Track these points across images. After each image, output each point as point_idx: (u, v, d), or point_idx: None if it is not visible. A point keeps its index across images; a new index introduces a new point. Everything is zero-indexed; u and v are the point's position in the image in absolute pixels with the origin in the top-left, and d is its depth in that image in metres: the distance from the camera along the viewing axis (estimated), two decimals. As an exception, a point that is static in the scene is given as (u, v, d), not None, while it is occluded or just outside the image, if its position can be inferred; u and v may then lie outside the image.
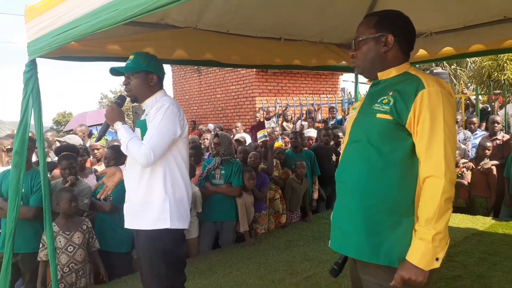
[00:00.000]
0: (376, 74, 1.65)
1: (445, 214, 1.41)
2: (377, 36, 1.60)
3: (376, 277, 1.53)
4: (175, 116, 2.16)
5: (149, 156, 2.05)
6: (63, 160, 3.64)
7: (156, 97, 2.29)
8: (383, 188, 1.51)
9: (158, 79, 2.31)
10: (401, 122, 1.49)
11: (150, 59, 2.30)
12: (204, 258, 3.86)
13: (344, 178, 1.65)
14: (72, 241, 3.12)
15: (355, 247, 1.56)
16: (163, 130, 2.11)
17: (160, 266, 2.12)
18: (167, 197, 2.15)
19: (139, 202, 2.19)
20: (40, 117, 2.82)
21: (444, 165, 1.41)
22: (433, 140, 1.43)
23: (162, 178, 2.16)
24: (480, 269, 3.33)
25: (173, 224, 2.14)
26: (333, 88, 12.17)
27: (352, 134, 1.67)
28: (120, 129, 2.19)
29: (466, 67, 17.63)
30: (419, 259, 1.40)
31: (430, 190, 1.42)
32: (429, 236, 1.39)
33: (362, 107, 1.70)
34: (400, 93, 1.52)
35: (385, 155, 1.51)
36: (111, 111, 2.27)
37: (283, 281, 3.30)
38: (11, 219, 2.83)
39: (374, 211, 1.51)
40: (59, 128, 22.21)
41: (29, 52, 2.75)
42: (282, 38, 4.32)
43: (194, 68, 12.75)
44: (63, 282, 3.06)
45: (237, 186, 4.16)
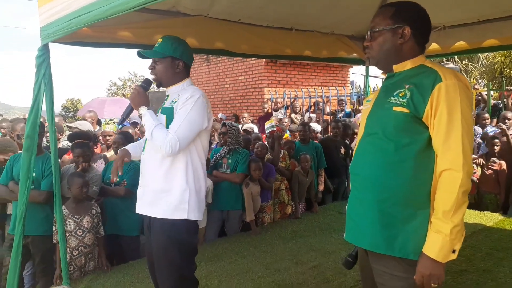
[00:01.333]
0: (391, 66, 1.64)
1: (461, 206, 1.41)
2: (394, 28, 1.59)
3: (388, 267, 1.54)
4: (204, 108, 2.14)
5: (175, 145, 2.03)
6: (77, 148, 3.66)
7: (183, 84, 2.25)
8: (398, 181, 1.51)
9: (185, 66, 2.25)
10: (417, 115, 1.48)
11: (178, 44, 2.22)
12: (210, 245, 3.89)
13: (359, 171, 1.65)
14: (82, 225, 3.17)
15: (370, 239, 1.57)
16: (192, 121, 2.08)
17: (173, 255, 2.11)
18: (187, 187, 2.12)
19: (156, 189, 2.15)
20: (51, 102, 2.85)
21: (462, 158, 1.41)
22: (450, 133, 1.43)
23: (184, 168, 2.13)
24: (487, 264, 3.33)
25: (190, 215, 2.13)
26: (342, 81, 12.08)
27: (367, 127, 1.66)
28: (146, 114, 2.15)
29: (478, 63, 17.42)
30: (437, 253, 1.41)
31: (448, 183, 1.42)
32: (446, 229, 1.40)
33: (377, 100, 1.69)
34: (417, 86, 1.51)
35: (401, 148, 1.51)
36: (137, 95, 2.22)
37: (289, 270, 3.32)
38: (21, 202, 2.88)
39: (389, 203, 1.52)
40: (67, 114, 22.36)
41: (42, 37, 2.77)
42: (293, 28, 4.29)
43: (203, 58, 12.73)
44: (72, 265, 3.12)
45: (241, 173, 4.17)
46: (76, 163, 3.63)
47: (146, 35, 3.33)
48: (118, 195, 3.58)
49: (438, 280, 1.44)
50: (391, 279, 1.54)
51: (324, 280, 3.13)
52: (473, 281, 3.05)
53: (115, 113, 11.41)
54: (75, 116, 19.54)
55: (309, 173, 4.88)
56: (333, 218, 4.72)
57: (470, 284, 3.01)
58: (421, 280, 1.45)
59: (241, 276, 3.22)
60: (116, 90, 26.85)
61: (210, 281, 3.13)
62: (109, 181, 3.67)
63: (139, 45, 3.47)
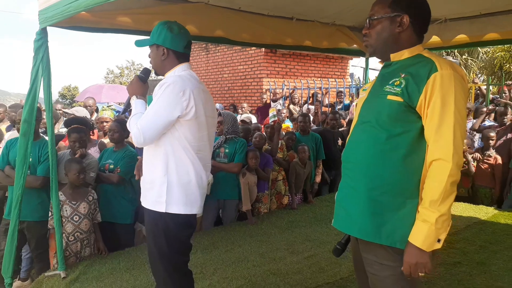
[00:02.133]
0: (388, 55, 1.63)
1: (449, 197, 1.42)
2: (392, 16, 1.58)
3: (377, 256, 1.56)
4: (175, 97, 1.96)
5: (139, 137, 1.96)
6: (73, 133, 3.65)
7: (174, 71, 2.13)
8: (389, 170, 1.51)
9: (172, 53, 2.10)
10: (411, 105, 1.48)
11: (162, 30, 2.09)
12: (206, 234, 3.90)
13: (351, 158, 1.65)
14: (78, 211, 3.17)
15: (358, 227, 1.58)
16: (158, 111, 1.97)
17: (161, 244, 2.08)
18: (165, 180, 2.03)
19: (144, 180, 2.16)
20: (49, 86, 2.83)
21: (453, 149, 1.41)
22: (442, 124, 1.43)
23: (164, 160, 2.04)
24: (481, 256, 3.36)
25: (171, 209, 2.03)
26: (341, 73, 12.05)
27: (361, 115, 1.66)
28: (133, 103, 2.16)
29: (478, 58, 17.39)
30: (422, 241, 1.42)
31: (437, 172, 1.43)
32: (432, 218, 1.40)
33: (372, 88, 1.69)
34: (413, 75, 1.50)
35: (393, 137, 1.51)
36: (131, 84, 2.23)
37: (284, 259, 3.34)
38: (18, 187, 2.88)
39: (379, 192, 1.53)
40: (64, 101, 22.26)
41: (40, 20, 2.74)
42: (294, 17, 4.26)
43: (202, 46, 12.65)
44: (68, 250, 3.12)
45: (238, 162, 4.17)
46: (72, 148, 3.63)
47: (145, 21, 3.30)
48: (111, 181, 3.58)
49: (425, 268, 1.44)
50: (381, 268, 1.56)
51: (319, 270, 3.15)
52: (466, 273, 3.08)
53: (112, 98, 11.41)
54: (72, 103, 19.48)
55: (307, 164, 4.89)
56: (329, 209, 4.73)
57: (464, 276, 3.03)
58: (408, 269, 1.46)
59: (237, 264, 3.24)
60: (114, 78, 26.71)
61: (205, 269, 3.15)
62: (104, 168, 3.66)
63: (137, 31, 3.45)
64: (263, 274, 3.07)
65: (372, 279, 1.61)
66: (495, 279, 2.98)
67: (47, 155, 3.30)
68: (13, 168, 3.32)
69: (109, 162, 3.66)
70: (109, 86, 13.07)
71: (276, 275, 3.06)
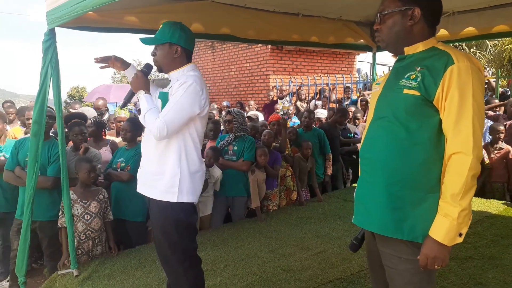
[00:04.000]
0: (402, 48, 1.62)
1: (470, 190, 1.41)
2: (403, 10, 1.56)
3: (396, 250, 1.55)
4: (196, 95, 2.12)
5: (163, 130, 2.06)
6: (74, 126, 3.69)
7: (183, 70, 2.24)
8: (409, 165, 1.50)
9: (184, 51, 2.23)
10: (428, 98, 1.47)
11: (175, 29, 2.20)
12: (216, 231, 3.92)
13: (369, 154, 1.64)
14: (89, 210, 3.19)
15: (378, 222, 1.57)
16: (181, 107, 2.10)
17: (172, 234, 2.17)
18: (178, 172, 2.15)
19: (151, 171, 2.22)
20: (58, 87, 2.85)
21: (472, 142, 1.40)
22: (461, 117, 1.41)
23: (177, 152, 2.16)
24: (492, 251, 3.33)
25: (180, 198, 2.15)
26: (348, 68, 11.99)
27: (377, 111, 1.65)
28: (142, 98, 2.20)
29: (486, 51, 17.18)
30: (444, 236, 1.41)
31: (457, 166, 1.41)
32: (454, 213, 1.39)
33: (387, 83, 1.66)
34: (429, 68, 1.48)
35: (411, 132, 1.50)
36: (136, 79, 2.27)
37: (294, 255, 3.35)
38: (29, 187, 2.91)
39: (399, 187, 1.51)
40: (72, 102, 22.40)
41: (48, 21, 2.76)
42: (300, 13, 4.26)
43: (208, 44, 12.66)
44: (79, 249, 3.15)
45: (247, 160, 4.17)
46: (75, 141, 3.67)
47: (151, 20, 3.32)
48: (121, 179, 3.61)
49: (442, 263, 1.44)
50: (399, 261, 1.55)
51: (329, 266, 3.15)
52: (478, 267, 3.06)
53: (121, 98, 11.54)
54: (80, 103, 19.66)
55: (309, 160, 4.89)
56: (338, 205, 4.73)
57: (475, 270, 3.01)
58: (425, 261, 1.45)
59: (247, 261, 3.25)
60: (121, 78, 26.84)
61: (216, 265, 3.16)
62: (116, 166, 3.70)
63: (144, 30, 3.47)
64: (273, 270, 3.07)
65: (390, 272, 1.61)
66: (507, 273, 2.96)
67: (57, 155, 3.35)
68: (23, 169, 3.37)
69: (121, 160, 3.70)
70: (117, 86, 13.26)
71: (287, 271, 3.07)
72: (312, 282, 2.90)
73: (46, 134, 3.35)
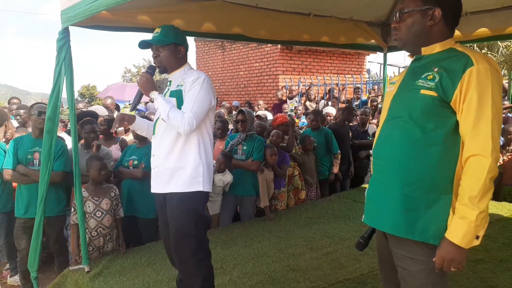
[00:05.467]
0: (419, 48, 1.60)
1: (488, 193, 1.40)
2: (424, 9, 1.55)
3: (409, 251, 1.55)
4: (210, 88, 2.30)
5: (192, 123, 2.18)
6: (86, 124, 3.75)
7: (184, 69, 2.40)
8: (424, 166, 1.50)
9: (185, 51, 2.41)
10: (445, 99, 1.46)
11: (177, 32, 2.38)
12: (225, 230, 3.93)
13: (382, 154, 1.63)
14: (100, 207, 3.23)
15: (391, 222, 1.57)
16: (202, 101, 2.24)
17: (189, 226, 2.25)
18: (201, 162, 2.29)
19: (171, 167, 2.29)
20: (72, 85, 2.88)
21: (491, 144, 1.39)
22: (480, 119, 1.40)
23: (197, 144, 2.29)
24: (504, 254, 3.30)
25: (205, 187, 2.30)
26: (358, 69, 11.95)
27: (391, 110, 1.63)
28: (158, 98, 2.28)
29: (498, 52, 17.01)
30: (461, 239, 1.40)
31: (476, 168, 1.40)
32: (472, 216, 1.39)
33: (402, 83, 1.65)
34: (446, 69, 1.47)
35: (427, 133, 1.49)
36: (146, 82, 2.35)
37: (303, 255, 3.35)
38: (43, 183, 2.94)
39: (414, 188, 1.51)
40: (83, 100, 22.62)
41: (62, 20, 2.79)
42: (311, 13, 4.25)
43: (218, 44, 12.70)
44: (91, 245, 3.19)
45: (256, 160, 4.18)
46: (87, 139, 3.72)
47: (164, 20, 3.33)
48: (135, 177, 3.64)
49: (459, 265, 1.44)
50: (412, 262, 1.54)
51: (339, 266, 3.14)
52: (489, 270, 3.03)
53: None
54: (91, 102, 19.87)
55: (309, 154, 4.91)
56: (348, 205, 4.72)
57: (487, 273, 2.99)
58: (441, 263, 1.45)
59: (256, 260, 3.26)
60: (131, 77, 27.03)
61: (225, 264, 3.17)
62: (128, 164, 3.73)
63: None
64: (282, 270, 3.08)
65: (402, 273, 1.60)
66: (519, 276, 2.93)
67: (61, 150, 3.45)
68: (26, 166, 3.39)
69: (133, 158, 3.73)
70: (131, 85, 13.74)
71: (296, 270, 3.07)
72: (322, 282, 2.90)
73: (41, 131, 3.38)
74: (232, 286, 2.85)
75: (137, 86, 2.46)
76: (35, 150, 3.45)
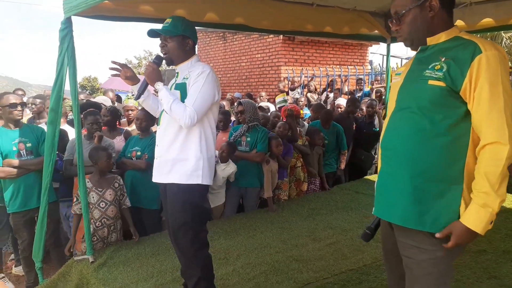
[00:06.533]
0: (425, 40, 1.58)
1: (505, 179, 1.40)
2: (420, 4, 1.53)
3: (416, 240, 1.55)
4: (214, 82, 2.28)
5: (193, 117, 2.18)
6: (89, 115, 3.75)
7: (191, 61, 2.38)
8: (433, 156, 1.49)
9: (193, 44, 2.39)
10: (454, 89, 1.45)
11: (187, 24, 2.36)
12: (229, 220, 3.94)
13: (391, 146, 1.62)
14: (104, 198, 3.23)
15: (401, 214, 1.56)
16: (206, 94, 2.24)
17: (186, 217, 2.27)
18: (201, 156, 2.29)
19: (174, 159, 2.29)
20: (75, 75, 2.87)
21: (507, 131, 1.38)
22: (493, 106, 1.39)
23: (198, 138, 2.29)
24: (506, 245, 3.31)
25: (204, 181, 2.30)
26: (361, 60, 11.89)
27: (399, 101, 1.62)
28: (162, 89, 2.27)
29: (501, 43, 16.87)
30: (478, 225, 1.41)
31: (493, 156, 1.40)
32: (495, 204, 1.39)
33: (409, 73, 1.63)
34: (454, 59, 1.46)
35: (436, 123, 1.48)
36: (153, 71, 2.34)
37: (306, 246, 3.36)
38: (47, 174, 2.95)
39: (423, 179, 1.50)
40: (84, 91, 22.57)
41: (65, 10, 2.77)
42: (314, 4, 4.21)
43: (219, 35, 12.64)
44: (95, 236, 3.20)
45: (261, 151, 4.18)
46: (89, 130, 3.72)
47: (166, 10, 3.31)
48: (139, 168, 3.65)
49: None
50: (418, 252, 1.54)
51: (342, 257, 3.15)
52: (492, 261, 3.04)
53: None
54: (92, 93, 19.87)
55: (316, 148, 4.90)
56: (350, 197, 4.72)
57: (490, 264, 3.00)
58: (454, 247, 1.46)
59: (259, 250, 3.27)
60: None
61: (229, 254, 3.19)
62: (130, 155, 3.73)
63: (159, 19, 3.46)
64: (286, 260, 3.09)
65: (408, 262, 1.60)
66: (522, 267, 2.94)
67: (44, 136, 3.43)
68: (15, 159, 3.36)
69: (136, 149, 3.73)
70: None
71: (299, 261, 3.08)
72: (325, 273, 2.91)
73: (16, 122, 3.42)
74: (235, 276, 2.87)
75: (140, 77, 2.46)
76: (20, 141, 3.41)
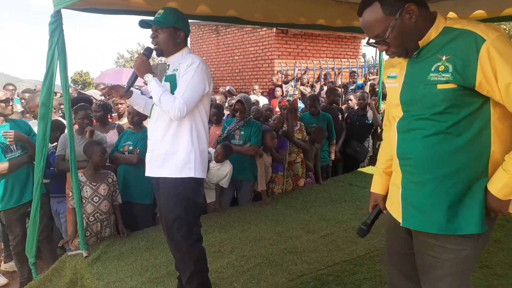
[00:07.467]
0: (417, 44, 1.50)
1: None
2: (398, 17, 1.43)
3: (440, 240, 1.49)
4: (204, 74, 2.25)
5: (183, 109, 2.15)
6: (80, 110, 3.70)
7: (182, 53, 2.36)
8: (457, 158, 1.45)
9: (185, 36, 2.36)
10: (467, 86, 1.38)
11: (179, 15, 2.33)
12: (223, 214, 3.95)
13: (411, 154, 1.54)
14: (98, 192, 3.22)
15: (437, 223, 1.49)
16: (195, 86, 2.20)
17: (179, 211, 2.25)
18: (193, 148, 2.27)
19: (165, 152, 2.27)
20: (65, 69, 2.84)
21: None
22: None
23: (189, 131, 2.26)
24: (498, 234, 3.34)
25: (196, 174, 2.28)
26: (354, 53, 11.88)
27: (407, 109, 1.54)
28: (151, 81, 2.24)
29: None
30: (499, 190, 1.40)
31: None
32: None
33: (407, 78, 1.55)
34: (457, 55, 1.39)
35: (454, 125, 1.43)
36: (142, 63, 2.31)
37: (300, 238, 3.37)
38: (38, 169, 2.93)
39: (451, 182, 1.46)
40: (76, 86, 22.39)
41: (55, 3, 2.73)
42: (307, -4, 4.20)
43: (212, 28, 12.55)
44: (88, 230, 3.19)
45: (254, 145, 4.17)
46: (80, 125, 3.69)
47: (158, 2, 3.29)
48: (130, 162, 3.63)
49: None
50: (443, 251, 1.50)
51: (336, 248, 3.17)
52: (484, 250, 3.03)
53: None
54: (84, 88, 19.71)
55: (314, 144, 4.91)
56: (343, 189, 4.74)
57: (482, 253, 3.02)
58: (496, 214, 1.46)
59: (254, 243, 3.28)
60: (124, 63, 26.71)
61: (223, 247, 3.20)
62: (123, 149, 3.71)
63: (150, 12, 3.43)
64: (280, 252, 3.10)
65: (430, 260, 1.55)
66: (513, 256, 2.98)
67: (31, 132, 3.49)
68: None
69: (128, 143, 3.71)
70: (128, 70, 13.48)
71: (293, 253, 3.10)
72: (319, 264, 2.93)
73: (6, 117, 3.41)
74: (230, 269, 2.88)
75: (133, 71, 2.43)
76: None
